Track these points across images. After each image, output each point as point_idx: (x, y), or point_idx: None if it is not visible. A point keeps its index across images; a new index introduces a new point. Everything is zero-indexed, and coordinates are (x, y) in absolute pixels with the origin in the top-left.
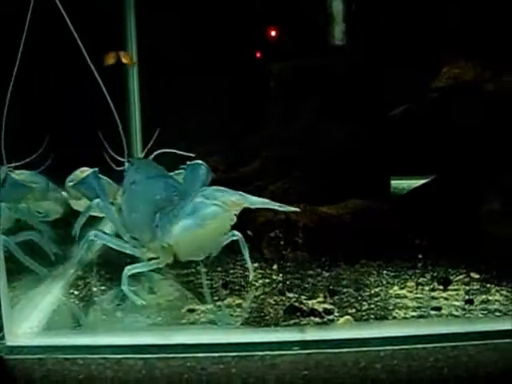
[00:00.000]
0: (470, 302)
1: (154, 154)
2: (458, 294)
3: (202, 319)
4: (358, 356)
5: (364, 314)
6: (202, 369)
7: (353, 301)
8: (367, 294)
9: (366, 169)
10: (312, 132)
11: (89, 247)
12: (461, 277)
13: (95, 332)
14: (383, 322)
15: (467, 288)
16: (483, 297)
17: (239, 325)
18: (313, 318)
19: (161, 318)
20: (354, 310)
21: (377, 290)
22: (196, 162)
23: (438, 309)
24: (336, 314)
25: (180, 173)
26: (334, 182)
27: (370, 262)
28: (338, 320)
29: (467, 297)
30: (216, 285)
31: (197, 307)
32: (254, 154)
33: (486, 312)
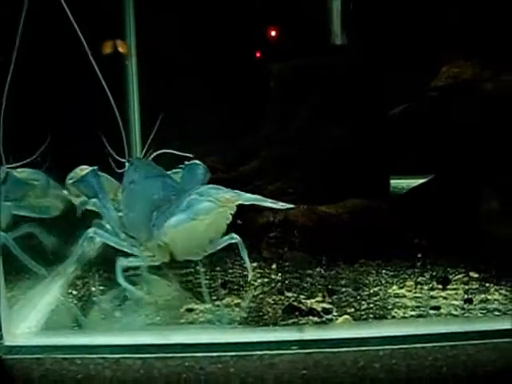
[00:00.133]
0: (469, 301)
1: (154, 154)
2: (457, 294)
3: (201, 319)
4: (357, 355)
5: (363, 313)
6: (201, 368)
7: (352, 300)
8: (366, 293)
9: (365, 168)
10: (311, 132)
11: (90, 244)
12: (460, 276)
13: (93, 332)
14: (382, 321)
15: (466, 287)
16: (482, 296)
17: (238, 324)
18: (311, 317)
19: (159, 318)
20: (353, 310)
21: (376, 290)
22: (194, 161)
23: (437, 308)
24: (335, 313)
25: (177, 172)
26: (333, 182)
27: (369, 261)
28: (336, 319)
29: (466, 296)
30: (215, 284)
31: (195, 307)
32: (253, 154)
33: (485, 311)
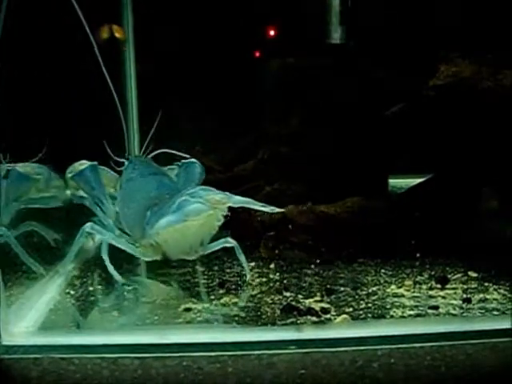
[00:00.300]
0: (468, 300)
1: (154, 153)
2: (455, 293)
3: (199, 318)
4: (355, 355)
5: (361, 312)
6: (199, 368)
7: (350, 300)
8: (364, 292)
9: (363, 167)
10: (309, 131)
11: (89, 240)
12: (458, 275)
13: (91, 331)
14: (380, 320)
15: (465, 287)
16: (481, 295)
17: (236, 324)
18: (310, 316)
19: (157, 317)
20: (352, 309)
21: (374, 289)
22: (190, 160)
23: (436, 307)
24: (333, 312)
25: (173, 168)
26: (331, 181)
27: (368, 260)
28: (335, 319)
29: (465, 295)
30: (213, 284)
31: (193, 306)
32: (250, 154)
33: (483, 311)
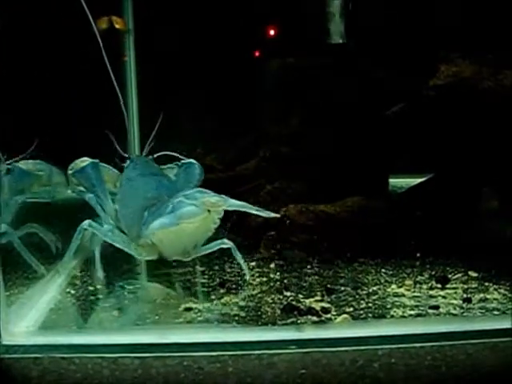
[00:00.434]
0: (468, 300)
1: (156, 155)
2: (456, 293)
3: (199, 318)
4: (356, 355)
5: (362, 312)
6: (199, 368)
7: (350, 299)
8: (365, 292)
9: (364, 167)
10: (309, 131)
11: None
12: (459, 275)
13: (92, 331)
14: (381, 320)
15: (465, 286)
16: (481, 295)
17: (236, 324)
18: (310, 316)
19: (157, 317)
20: (352, 309)
21: (375, 289)
22: (189, 161)
23: (436, 307)
24: (333, 312)
25: (171, 167)
26: (331, 181)
27: (368, 260)
28: (335, 319)
29: (465, 295)
30: (213, 283)
31: (194, 306)
32: (251, 153)
33: (484, 310)
